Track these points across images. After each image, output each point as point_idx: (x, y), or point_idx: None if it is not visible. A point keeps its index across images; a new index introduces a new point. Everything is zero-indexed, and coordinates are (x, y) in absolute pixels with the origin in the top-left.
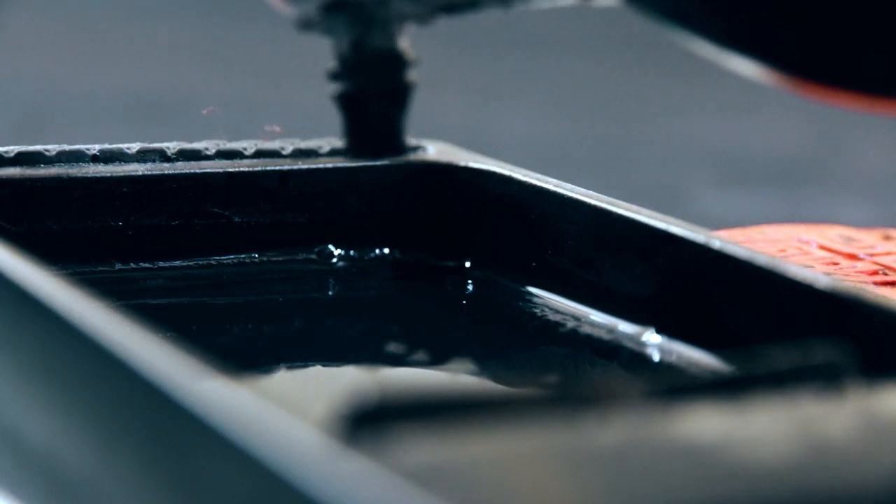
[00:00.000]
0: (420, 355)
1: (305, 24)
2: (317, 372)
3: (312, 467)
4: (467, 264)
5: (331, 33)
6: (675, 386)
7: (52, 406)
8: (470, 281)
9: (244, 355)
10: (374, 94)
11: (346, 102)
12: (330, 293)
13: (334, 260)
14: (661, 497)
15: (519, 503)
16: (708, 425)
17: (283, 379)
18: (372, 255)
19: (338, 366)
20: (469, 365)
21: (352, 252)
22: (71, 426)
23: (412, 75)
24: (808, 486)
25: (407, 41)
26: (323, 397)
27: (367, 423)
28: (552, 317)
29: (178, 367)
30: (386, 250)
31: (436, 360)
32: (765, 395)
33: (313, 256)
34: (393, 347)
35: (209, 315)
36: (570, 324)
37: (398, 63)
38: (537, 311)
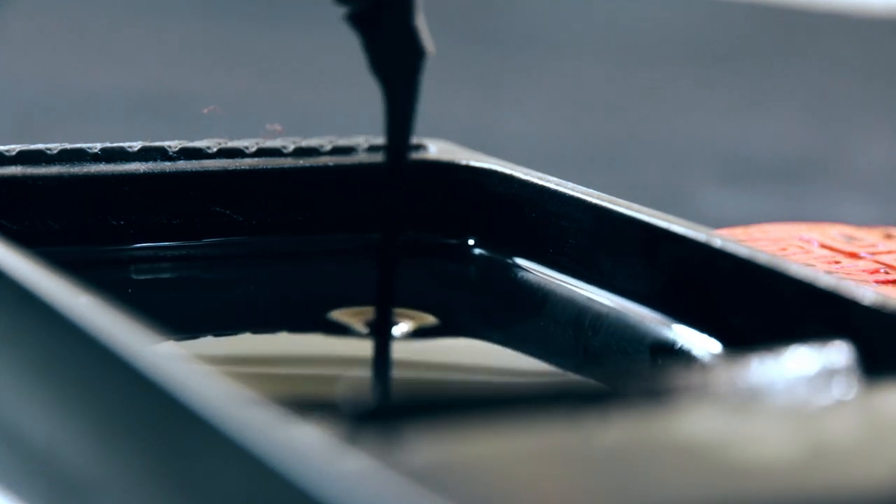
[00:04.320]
0: (421, 355)
1: None
2: (317, 371)
3: (314, 466)
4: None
5: None
6: (674, 385)
7: (53, 405)
8: (471, 277)
9: (245, 354)
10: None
11: (359, 20)
12: (329, 293)
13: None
14: (662, 497)
15: (520, 502)
16: (708, 425)
17: (284, 378)
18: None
19: (338, 365)
20: (469, 363)
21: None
22: (71, 425)
23: None
24: (808, 486)
25: None
26: (323, 396)
27: (369, 421)
28: (552, 314)
29: (179, 366)
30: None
31: (436, 359)
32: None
33: (313, 254)
34: (395, 346)
35: (210, 314)
36: (571, 323)
37: None
38: (538, 308)
